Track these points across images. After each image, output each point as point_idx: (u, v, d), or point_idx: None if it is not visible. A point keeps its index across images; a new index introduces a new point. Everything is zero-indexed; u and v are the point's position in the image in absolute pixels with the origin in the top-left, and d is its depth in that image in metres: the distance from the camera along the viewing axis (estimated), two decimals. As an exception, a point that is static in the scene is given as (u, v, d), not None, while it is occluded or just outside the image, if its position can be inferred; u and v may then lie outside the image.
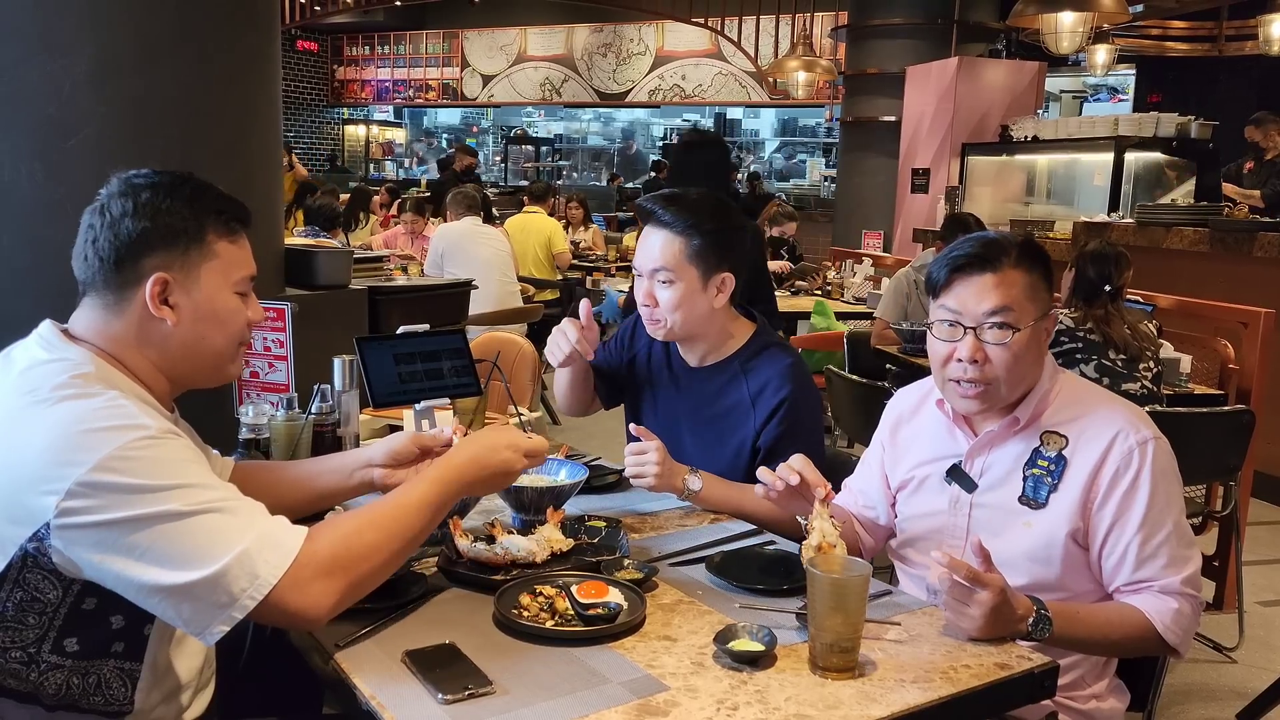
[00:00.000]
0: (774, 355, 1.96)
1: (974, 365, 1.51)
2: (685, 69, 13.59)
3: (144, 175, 1.30)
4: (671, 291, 1.88)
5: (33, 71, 2.50)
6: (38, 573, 1.15)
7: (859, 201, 9.16)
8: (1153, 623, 1.48)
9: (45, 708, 1.21)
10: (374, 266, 3.89)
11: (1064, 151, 7.18)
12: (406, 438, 1.56)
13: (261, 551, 1.15)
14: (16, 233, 2.55)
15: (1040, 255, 1.57)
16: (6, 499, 1.14)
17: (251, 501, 1.21)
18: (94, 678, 1.22)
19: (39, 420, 1.15)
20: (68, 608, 1.18)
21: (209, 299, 1.31)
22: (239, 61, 2.84)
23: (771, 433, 1.89)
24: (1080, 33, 6.19)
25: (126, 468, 1.12)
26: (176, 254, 1.28)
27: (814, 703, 1.18)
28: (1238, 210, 5.40)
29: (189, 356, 1.32)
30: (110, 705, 1.23)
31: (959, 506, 1.62)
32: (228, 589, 1.13)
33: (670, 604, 1.43)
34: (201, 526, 1.14)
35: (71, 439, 1.13)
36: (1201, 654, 3.09)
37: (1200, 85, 10.11)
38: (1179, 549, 1.50)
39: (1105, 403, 1.57)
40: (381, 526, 1.25)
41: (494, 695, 1.16)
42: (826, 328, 4.99)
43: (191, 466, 1.19)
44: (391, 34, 15.64)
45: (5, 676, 1.19)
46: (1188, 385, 3.51)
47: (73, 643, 1.20)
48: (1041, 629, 1.39)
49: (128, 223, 1.26)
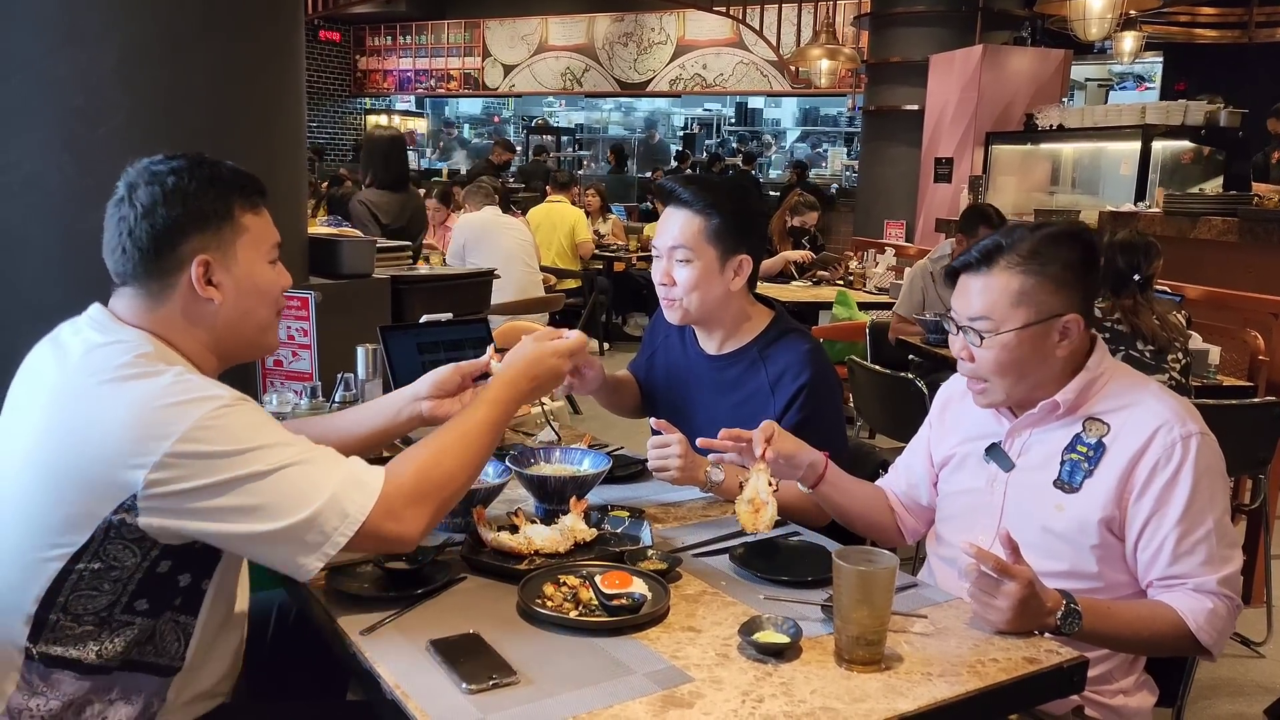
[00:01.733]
0: (792, 341, 1.96)
1: (965, 362, 1.57)
2: (706, 58, 13.52)
3: (161, 162, 1.33)
4: (689, 271, 1.88)
5: (61, 63, 2.52)
6: (119, 543, 1.21)
7: (881, 191, 9.09)
8: (1186, 622, 1.46)
9: (106, 671, 1.26)
10: (397, 256, 3.89)
11: (1090, 140, 7.09)
12: (449, 369, 1.60)
13: (348, 493, 1.23)
14: (46, 222, 2.57)
15: (1062, 254, 1.52)
16: (89, 476, 1.19)
17: (328, 449, 1.29)
18: (153, 632, 1.28)
19: (113, 399, 1.20)
20: (143, 572, 1.24)
21: (249, 273, 1.36)
22: (263, 52, 2.84)
23: (792, 419, 1.89)
24: (1109, 19, 6.12)
25: (209, 436, 1.19)
26: (211, 235, 1.32)
27: (840, 695, 1.17)
28: (1267, 200, 5.32)
29: (235, 331, 1.37)
30: (161, 658, 1.30)
31: (995, 486, 1.62)
32: (320, 529, 1.21)
33: (694, 595, 1.43)
34: (288, 479, 1.21)
35: (152, 414, 1.19)
36: (1229, 649, 3.06)
37: (1229, 73, 9.94)
38: (1218, 548, 1.48)
39: (1154, 395, 1.55)
40: (454, 453, 1.34)
41: (518, 685, 1.16)
42: (849, 318, 4.97)
43: (267, 427, 1.25)
44: (413, 24, 15.65)
45: (69, 646, 1.24)
46: (1216, 377, 3.46)
47: (143, 603, 1.26)
48: (1071, 623, 1.38)
49: (161, 211, 1.29)
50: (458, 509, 1.61)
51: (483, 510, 1.56)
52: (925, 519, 1.81)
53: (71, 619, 1.23)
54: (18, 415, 1.30)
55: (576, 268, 7.18)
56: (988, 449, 1.64)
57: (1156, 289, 3.24)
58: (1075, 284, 1.53)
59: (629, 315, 8.49)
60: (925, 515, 1.81)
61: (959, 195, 7.63)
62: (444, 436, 1.36)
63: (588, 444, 1.90)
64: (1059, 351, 1.54)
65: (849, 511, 1.77)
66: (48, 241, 2.57)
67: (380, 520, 1.24)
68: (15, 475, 1.24)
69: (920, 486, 1.80)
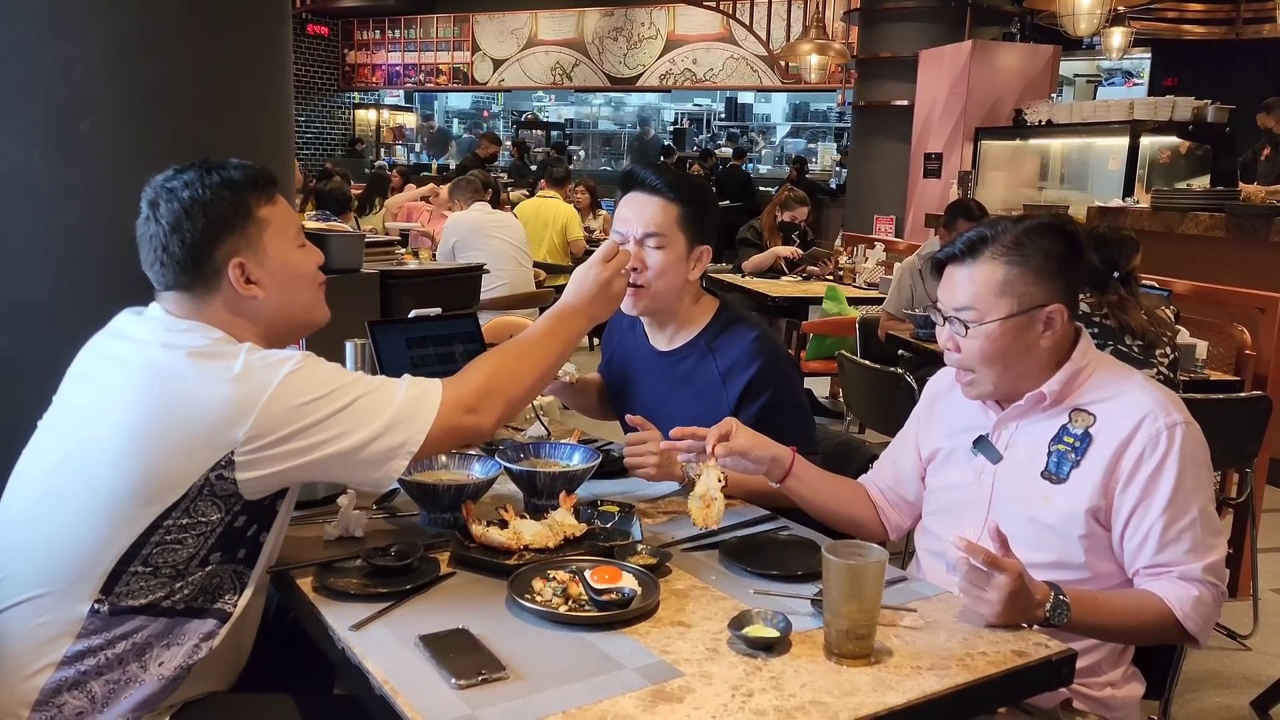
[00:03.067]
0: (739, 331, 1.96)
1: (952, 354, 1.59)
2: (696, 53, 13.50)
3: (174, 177, 1.40)
4: (661, 256, 1.89)
5: (44, 55, 2.49)
6: (209, 500, 1.31)
7: (871, 186, 9.10)
8: (1172, 609, 1.46)
9: (170, 615, 1.35)
10: (386, 251, 3.89)
11: (1078, 136, 7.12)
12: None
13: (416, 396, 1.38)
14: (30, 216, 2.55)
15: (1044, 244, 1.53)
16: (190, 439, 1.29)
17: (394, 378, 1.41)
18: (217, 579, 1.38)
19: (205, 370, 1.31)
20: (224, 527, 1.34)
21: (282, 263, 1.44)
22: (250, 45, 2.82)
23: (750, 410, 1.89)
24: (1098, 15, 6.14)
25: (296, 388, 1.32)
26: (240, 236, 1.40)
27: (829, 690, 1.17)
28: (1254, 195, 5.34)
29: (285, 318, 1.47)
30: (216, 603, 1.38)
31: (983, 479, 1.62)
32: (398, 430, 1.35)
33: (684, 589, 1.43)
34: (365, 403, 1.35)
35: (244, 381, 1.30)
36: (1216, 641, 3.08)
37: (1217, 69, 9.99)
38: (1203, 536, 1.49)
39: (1139, 386, 1.56)
40: (519, 353, 1.49)
41: (507, 680, 1.16)
42: (838, 313, 4.97)
43: (339, 372, 1.38)
44: (402, 18, 15.58)
45: (144, 594, 1.32)
46: (1204, 371, 3.48)
47: (217, 555, 1.36)
48: (1059, 614, 1.38)
49: (186, 225, 1.37)
50: (447, 503, 1.60)
51: (472, 505, 1.56)
52: (910, 514, 1.81)
53: (150, 570, 1.32)
54: (93, 392, 1.38)
55: (567, 264, 7.16)
56: (975, 442, 1.65)
57: (1144, 284, 3.25)
58: (1058, 275, 1.53)
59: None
60: (911, 510, 1.81)
61: (948, 190, 7.65)
62: (510, 346, 1.50)
63: (577, 439, 1.89)
64: (1043, 342, 1.55)
65: (823, 507, 1.76)
66: (30, 236, 2.54)
67: (454, 415, 1.38)
68: (106, 446, 1.31)
69: (907, 481, 1.80)
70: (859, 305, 5.09)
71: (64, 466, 1.35)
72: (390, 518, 1.69)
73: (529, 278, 5.77)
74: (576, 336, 1.58)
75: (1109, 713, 1.58)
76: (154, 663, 1.34)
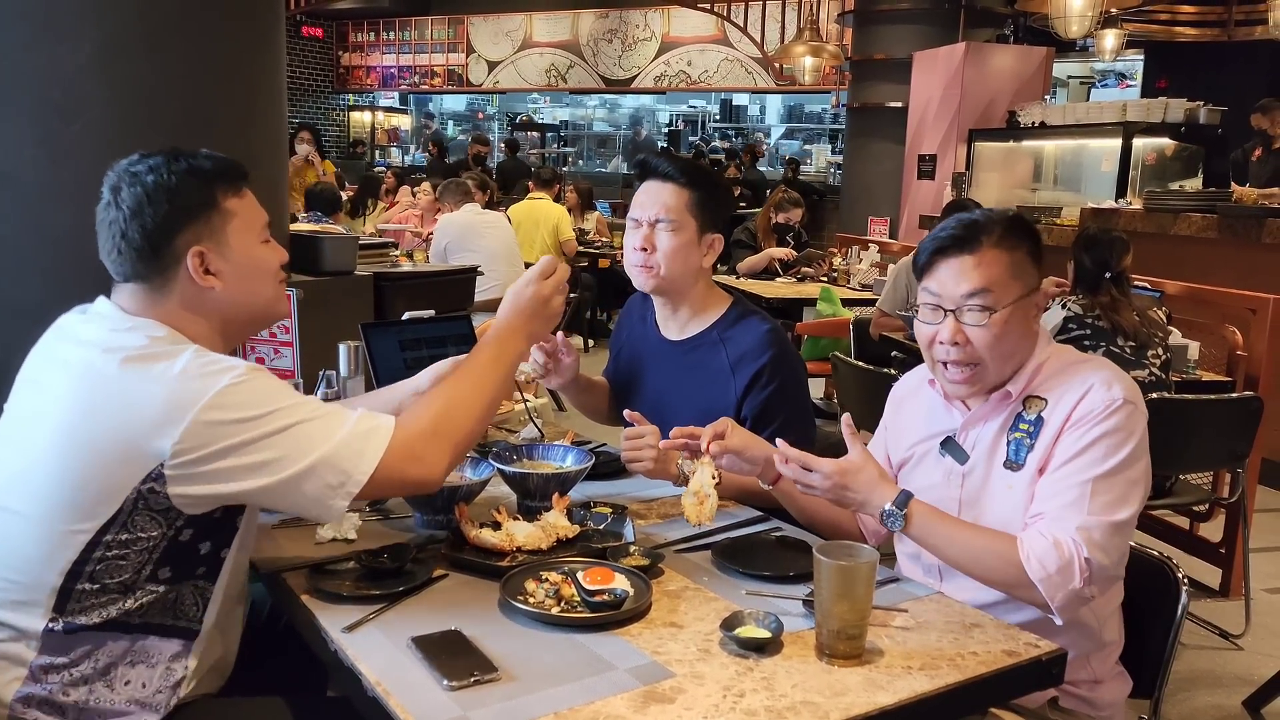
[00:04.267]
0: (751, 323, 1.98)
1: (955, 347, 1.52)
2: (691, 55, 13.51)
3: (139, 161, 1.36)
4: (671, 238, 1.93)
5: (36, 56, 2.49)
6: (146, 514, 1.26)
7: (865, 187, 9.12)
8: (1018, 549, 1.41)
9: (127, 632, 1.31)
10: (380, 252, 3.88)
11: (1071, 137, 7.14)
12: (449, 363, 1.64)
13: (363, 435, 1.31)
14: (21, 218, 2.54)
15: (1027, 230, 1.56)
16: (121, 449, 1.24)
17: (340, 407, 1.37)
18: (174, 596, 1.33)
19: (140, 376, 1.26)
20: (167, 541, 1.29)
21: (244, 256, 1.40)
22: (243, 47, 2.82)
23: (754, 400, 1.91)
24: (1089, 17, 6.16)
25: (232, 402, 1.25)
26: (203, 225, 1.36)
27: (821, 690, 1.17)
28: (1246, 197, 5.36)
29: (243, 313, 1.42)
30: (180, 620, 1.34)
31: (952, 479, 1.61)
32: (339, 467, 1.28)
33: (676, 590, 1.43)
34: (304, 431, 1.28)
35: (178, 386, 1.25)
36: (1208, 641, 3.09)
37: (1209, 71, 10.02)
38: (1095, 500, 1.42)
39: (1091, 366, 1.54)
40: (464, 390, 1.42)
41: (500, 682, 1.16)
42: (833, 314, 4.98)
43: (283, 391, 1.31)
44: (397, 20, 15.57)
45: (96, 613, 1.28)
46: (1196, 372, 3.49)
47: (166, 571, 1.31)
48: (893, 521, 1.45)
49: (148, 210, 1.33)
50: (440, 505, 1.60)
51: (465, 507, 1.56)
52: None
53: (97, 588, 1.28)
54: (39, 399, 1.33)
55: (561, 263, 7.14)
56: (942, 443, 1.64)
57: (1136, 285, 3.26)
58: (1039, 260, 1.57)
59: (613, 312, 8.49)
60: None
61: (942, 192, 7.66)
62: (452, 382, 1.44)
63: (570, 441, 1.89)
64: (1035, 327, 1.57)
65: (812, 511, 1.73)
66: (22, 238, 2.54)
67: (399, 462, 1.31)
68: (42, 455, 1.27)
69: None
70: (853, 307, 5.09)
71: (13, 481, 1.30)
72: (383, 520, 1.69)
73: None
74: (517, 359, 1.52)
75: (1095, 711, 1.58)
76: (120, 682, 1.30)
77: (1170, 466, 3.02)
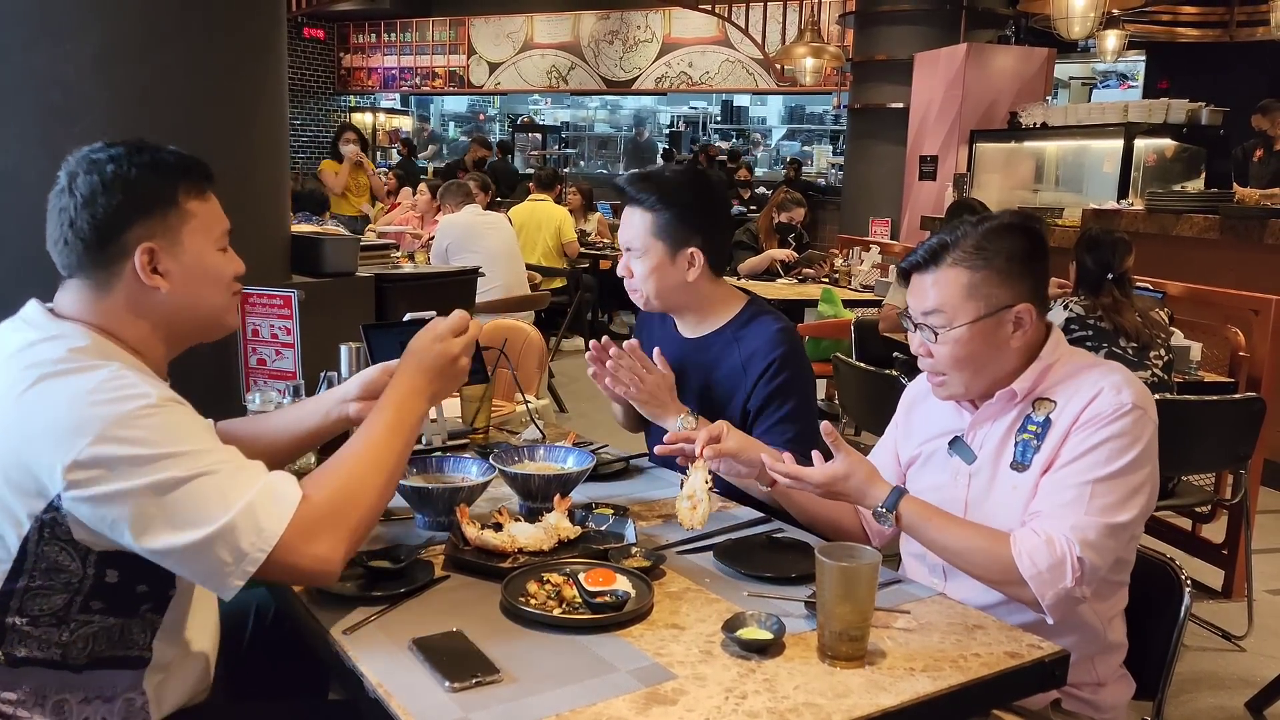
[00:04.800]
0: (765, 322, 2.00)
1: (923, 358, 1.60)
2: (692, 56, 13.51)
3: (101, 150, 1.30)
4: (640, 264, 1.98)
5: (37, 58, 2.49)
6: (55, 545, 1.19)
7: (867, 189, 9.11)
8: (1011, 545, 1.42)
9: (74, 669, 1.25)
10: (381, 254, 3.88)
11: (1073, 138, 7.13)
12: (377, 369, 1.57)
13: (265, 505, 1.19)
14: (21, 220, 2.54)
15: (1006, 245, 1.52)
16: (17, 475, 1.17)
17: (251, 461, 1.24)
18: (119, 628, 1.27)
19: (42, 396, 1.17)
20: (91, 580, 1.22)
21: (197, 260, 1.33)
22: (243, 48, 2.82)
23: (761, 392, 1.93)
24: (1091, 18, 6.16)
25: (128, 436, 1.15)
26: (156, 222, 1.29)
27: (823, 691, 1.17)
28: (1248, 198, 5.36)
29: (188, 317, 1.34)
30: (131, 650, 1.28)
31: (959, 479, 1.62)
32: (236, 544, 1.17)
33: (678, 592, 1.43)
34: (204, 488, 1.17)
35: (76, 412, 1.16)
36: (1210, 642, 3.09)
37: (1211, 71, 10.02)
38: (1093, 501, 1.42)
39: (1101, 370, 1.54)
40: (363, 465, 1.29)
41: (501, 683, 1.16)
42: (834, 315, 4.97)
43: (192, 431, 1.22)
44: (398, 21, 15.58)
45: (34, 647, 1.23)
46: (1198, 373, 3.49)
47: (98, 604, 1.24)
48: (883, 519, 1.48)
49: (102, 200, 1.26)
50: (441, 507, 1.60)
51: (466, 508, 1.55)
52: None
53: (29, 621, 1.22)
54: None
55: (562, 266, 7.16)
56: (950, 443, 1.65)
57: (1138, 286, 3.26)
58: (1023, 274, 1.53)
59: (615, 313, 8.48)
60: None
61: (944, 193, 7.66)
62: (352, 451, 1.31)
63: (572, 442, 1.89)
64: (1014, 342, 1.55)
65: (813, 512, 1.73)
66: (21, 240, 2.53)
67: (297, 541, 1.19)
68: None
69: None
70: (854, 308, 5.09)
71: None
72: (385, 521, 1.69)
73: (523, 279, 5.77)
74: (418, 424, 1.39)
75: (1098, 713, 1.58)
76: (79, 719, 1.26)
77: (1172, 468, 3.02)
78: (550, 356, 3.05)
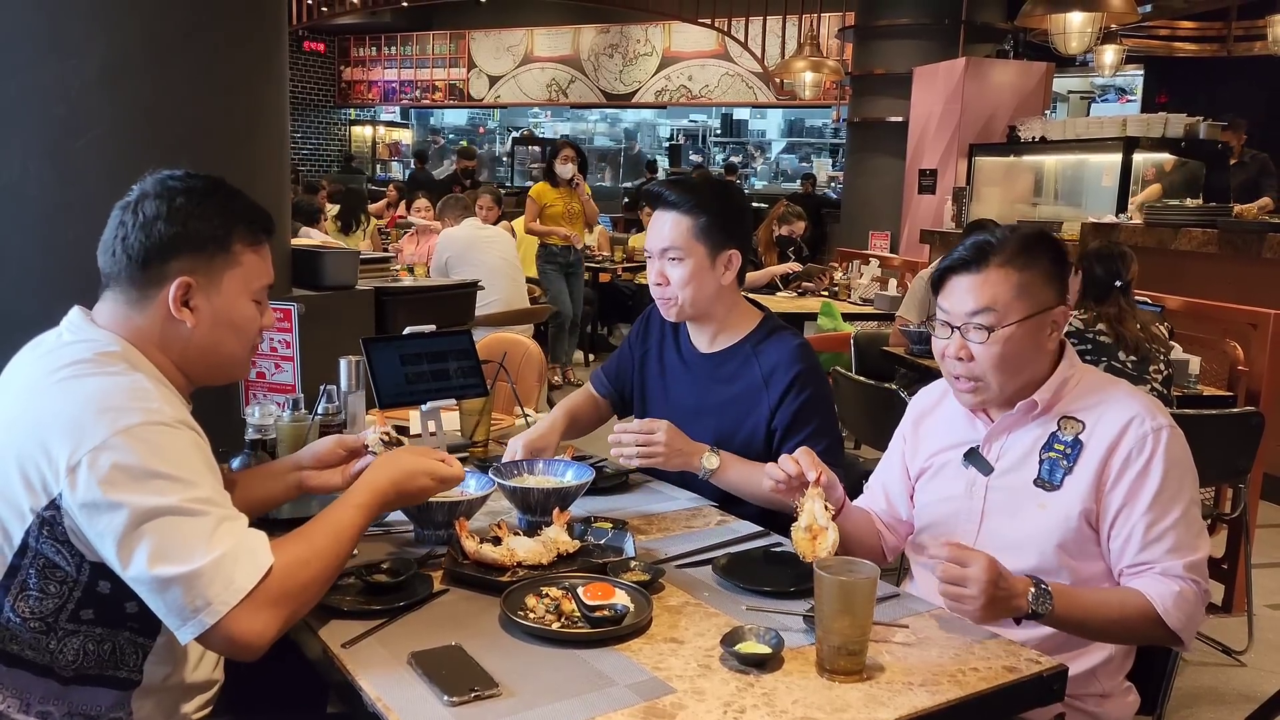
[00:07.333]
0: (783, 337, 2.01)
1: (960, 362, 1.57)
2: (692, 69, 13.58)
3: (179, 178, 1.34)
4: (681, 268, 1.95)
5: (42, 72, 2.51)
6: (52, 543, 1.21)
7: (866, 202, 9.14)
8: (1153, 604, 1.47)
9: (60, 680, 1.26)
10: (381, 267, 3.89)
11: (1072, 152, 7.15)
12: (331, 441, 1.60)
13: (239, 559, 1.19)
14: (26, 232, 2.56)
15: (1045, 250, 1.58)
16: (31, 467, 1.19)
17: (236, 512, 1.25)
18: (109, 645, 1.27)
19: (62, 392, 1.21)
20: (83, 588, 1.23)
21: (228, 306, 1.36)
22: (247, 62, 2.84)
23: (788, 409, 1.93)
24: (1089, 33, 6.18)
25: (131, 446, 1.17)
26: (203, 260, 1.33)
27: (821, 705, 1.17)
28: (1246, 212, 5.37)
29: (203, 358, 1.37)
30: (120, 671, 1.28)
31: (974, 490, 1.63)
32: (203, 592, 1.17)
33: (677, 606, 1.43)
34: (193, 525, 1.18)
35: (90, 412, 1.19)
36: (1210, 657, 3.08)
37: (1209, 86, 10.07)
38: (1185, 535, 1.50)
39: (1125, 392, 1.59)
40: (322, 555, 1.29)
41: (500, 697, 1.16)
42: (833, 329, 4.98)
43: (194, 463, 1.22)
44: (398, 35, 15.66)
45: (24, 647, 1.25)
46: (1197, 387, 3.49)
47: (89, 613, 1.25)
48: (1043, 603, 1.40)
49: (160, 226, 1.30)
50: (440, 520, 1.60)
51: (465, 522, 1.56)
52: (905, 533, 1.81)
53: (20, 620, 1.24)
54: None
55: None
56: (966, 454, 1.65)
57: (1137, 300, 3.27)
58: (1059, 278, 1.58)
59: (614, 326, 8.49)
60: (905, 529, 1.80)
61: (943, 206, 7.69)
62: (316, 537, 1.30)
63: (571, 456, 1.89)
64: (1049, 345, 1.58)
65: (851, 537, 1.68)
66: (26, 251, 2.55)
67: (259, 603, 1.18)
68: None
69: (899, 502, 1.80)
70: (854, 321, 5.10)
71: None
72: (384, 534, 1.69)
73: (522, 292, 5.78)
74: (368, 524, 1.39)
75: (1104, 727, 1.58)
76: None
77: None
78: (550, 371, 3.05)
